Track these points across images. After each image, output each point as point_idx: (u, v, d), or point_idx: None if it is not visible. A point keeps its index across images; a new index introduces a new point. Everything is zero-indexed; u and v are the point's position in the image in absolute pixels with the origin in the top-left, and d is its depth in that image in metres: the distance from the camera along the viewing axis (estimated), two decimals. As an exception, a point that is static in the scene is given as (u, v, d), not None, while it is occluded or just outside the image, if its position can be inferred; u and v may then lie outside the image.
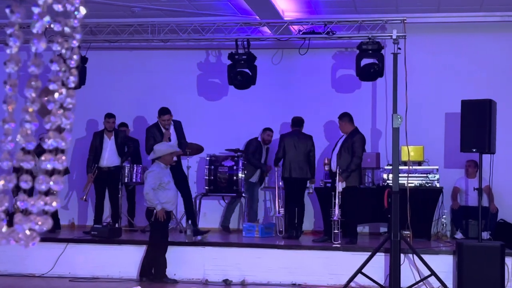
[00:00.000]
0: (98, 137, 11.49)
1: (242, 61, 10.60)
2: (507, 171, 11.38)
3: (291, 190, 10.97)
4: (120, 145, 11.47)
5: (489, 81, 11.68)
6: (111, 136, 11.44)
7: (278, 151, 11.00)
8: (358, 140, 10.14)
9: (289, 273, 9.48)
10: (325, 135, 12.38)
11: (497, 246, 8.75)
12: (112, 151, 11.40)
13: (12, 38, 1.21)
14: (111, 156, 11.39)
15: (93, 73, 11.62)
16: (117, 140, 11.46)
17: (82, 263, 9.89)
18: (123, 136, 11.64)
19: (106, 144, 11.41)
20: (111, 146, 11.41)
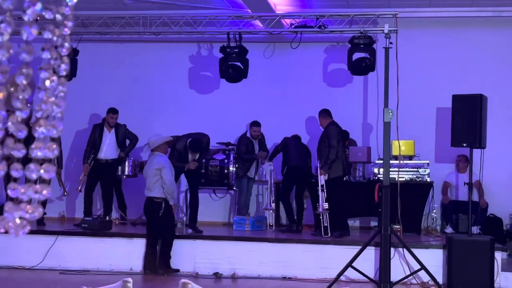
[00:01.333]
0: (98, 130, 11.48)
1: (233, 54, 10.58)
2: (497, 166, 11.42)
3: (293, 180, 11.03)
4: (121, 139, 11.48)
5: (480, 76, 11.71)
6: (111, 130, 11.44)
7: (279, 144, 11.21)
8: (330, 130, 10.38)
9: (279, 266, 9.49)
10: (315, 130, 12.36)
11: (487, 241, 8.78)
12: (111, 144, 11.41)
13: (3, 24, 1.19)
14: (110, 149, 11.39)
15: (84, 65, 11.58)
16: (118, 134, 11.45)
17: (73, 256, 9.87)
18: (123, 130, 11.61)
19: (105, 137, 11.43)
20: (110, 139, 11.43)
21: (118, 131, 11.50)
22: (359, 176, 11.63)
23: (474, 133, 8.89)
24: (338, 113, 11.66)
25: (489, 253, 8.68)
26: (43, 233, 10.25)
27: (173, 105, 12.43)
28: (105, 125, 11.50)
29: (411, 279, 8.86)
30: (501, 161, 11.58)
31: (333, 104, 12.02)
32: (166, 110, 11.89)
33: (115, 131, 11.47)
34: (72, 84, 11.29)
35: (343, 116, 11.80)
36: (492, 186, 11.45)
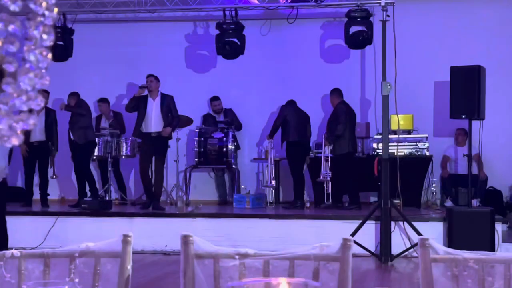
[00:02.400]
0: None
1: (230, 31, 10.54)
2: (496, 138, 11.40)
3: (293, 155, 11.04)
4: None
5: (478, 49, 11.64)
6: None
7: (278, 119, 11.15)
8: (339, 108, 10.75)
9: (280, 242, 9.48)
10: (314, 106, 12.34)
11: (487, 212, 8.80)
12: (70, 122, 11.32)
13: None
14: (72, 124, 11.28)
15: (80, 46, 11.53)
16: None
17: (73, 236, 9.87)
18: None
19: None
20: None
21: None
22: (358, 152, 11.62)
23: (472, 105, 8.87)
24: (336, 89, 11.64)
25: (490, 225, 8.69)
26: (44, 214, 10.29)
27: (170, 84, 12.35)
28: None
29: (412, 252, 8.87)
30: (500, 133, 11.56)
31: (331, 80, 12.00)
32: (162, 90, 11.75)
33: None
34: (68, 64, 11.28)
35: (341, 92, 11.79)
36: (491, 158, 11.44)
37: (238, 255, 2.42)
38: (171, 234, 9.61)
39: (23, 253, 2.46)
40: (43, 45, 1.13)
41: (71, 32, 11.00)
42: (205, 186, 12.52)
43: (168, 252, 9.60)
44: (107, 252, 2.53)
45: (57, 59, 10.84)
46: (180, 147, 11.79)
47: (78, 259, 2.48)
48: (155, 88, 10.58)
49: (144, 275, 8.01)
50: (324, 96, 12.01)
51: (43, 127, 11.19)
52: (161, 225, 9.85)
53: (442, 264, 2.44)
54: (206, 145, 11.62)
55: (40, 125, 11.16)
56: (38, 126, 11.13)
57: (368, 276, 8.24)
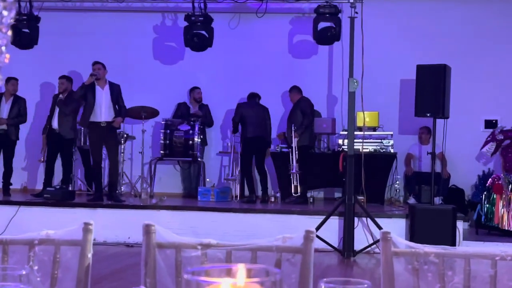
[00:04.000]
0: (53, 99, 11.26)
1: (198, 23, 10.50)
2: (460, 137, 11.52)
3: (250, 152, 11.03)
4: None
5: (445, 48, 11.74)
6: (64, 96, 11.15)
7: (235, 116, 11.09)
8: (303, 101, 10.92)
9: (245, 236, 9.48)
10: (281, 101, 12.37)
11: (449, 209, 8.89)
12: (60, 113, 11.06)
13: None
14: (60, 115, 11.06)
15: (46, 34, 11.39)
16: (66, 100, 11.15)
17: (35, 226, 9.74)
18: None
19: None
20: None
21: None
22: (323, 148, 11.66)
23: (437, 103, 8.95)
24: (303, 85, 11.67)
25: (451, 222, 8.78)
26: (5, 203, 10.15)
27: (137, 76, 12.29)
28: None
29: (374, 248, 8.92)
30: (464, 133, 11.69)
31: (298, 76, 12.04)
32: (129, 81, 11.68)
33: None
34: (33, 52, 11.14)
35: (308, 88, 11.80)
36: (454, 157, 11.57)
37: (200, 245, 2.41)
38: (135, 226, 9.50)
39: (-19, 240, 2.42)
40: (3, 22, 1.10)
41: (37, 20, 10.86)
42: (170, 178, 12.47)
43: (131, 244, 9.54)
44: (68, 240, 2.50)
45: (22, 46, 10.71)
46: (145, 138, 11.71)
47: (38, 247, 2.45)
48: (103, 75, 10.30)
49: (106, 266, 7.96)
50: (284, 93, 12.04)
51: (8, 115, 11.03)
52: (125, 216, 9.78)
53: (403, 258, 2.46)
54: (172, 137, 11.55)
55: (5, 113, 10.99)
56: (4, 113, 10.98)
57: (330, 271, 8.28)
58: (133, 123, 12.00)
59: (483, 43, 11.93)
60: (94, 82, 10.25)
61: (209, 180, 11.89)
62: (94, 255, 2.61)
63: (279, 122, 12.13)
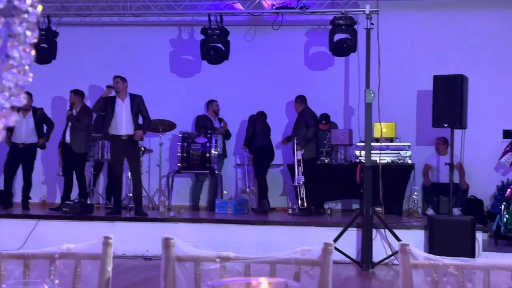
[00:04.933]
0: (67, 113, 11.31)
1: (214, 36, 10.55)
2: (478, 148, 11.47)
3: (259, 159, 11.11)
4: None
5: (462, 58, 11.72)
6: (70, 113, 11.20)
7: (248, 127, 11.18)
8: (306, 113, 10.92)
9: (262, 248, 9.46)
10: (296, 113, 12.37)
11: (468, 220, 8.84)
12: (72, 127, 11.11)
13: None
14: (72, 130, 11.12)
15: (64, 48, 11.50)
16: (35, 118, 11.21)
17: (54, 240, 9.81)
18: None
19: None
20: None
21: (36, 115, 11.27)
22: (340, 159, 11.65)
23: (455, 114, 8.92)
24: (320, 96, 11.70)
25: (470, 233, 8.73)
26: (24, 217, 10.23)
27: (154, 89, 12.34)
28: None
29: (393, 260, 8.89)
30: (482, 143, 11.63)
31: (314, 87, 12.06)
32: (146, 94, 11.73)
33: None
34: (51, 67, 11.24)
35: (324, 99, 11.84)
36: (472, 167, 11.51)
37: (219, 258, 2.42)
38: (153, 239, 9.57)
39: (2, 254, 2.45)
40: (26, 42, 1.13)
41: (55, 35, 10.97)
42: (187, 191, 12.49)
43: (149, 257, 9.57)
44: (88, 254, 2.52)
45: (41, 61, 10.80)
46: (163, 151, 11.76)
47: (58, 261, 2.47)
48: (122, 88, 10.32)
49: (125, 279, 7.98)
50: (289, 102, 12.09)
51: (31, 129, 11.10)
52: (143, 229, 9.82)
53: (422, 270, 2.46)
54: (189, 150, 11.59)
55: (26, 127, 11.06)
56: (23, 128, 11.04)
57: (349, 283, 8.26)
58: (151, 136, 12.05)
59: (500, 52, 11.88)
60: (116, 95, 10.30)
61: (226, 192, 11.91)
62: (113, 268, 2.63)
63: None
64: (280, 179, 12.32)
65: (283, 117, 12.24)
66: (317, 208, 10.78)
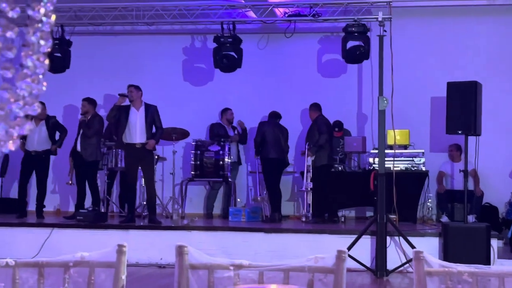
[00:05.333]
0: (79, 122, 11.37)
1: (227, 44, 10.56)
2: (493, 154, 11.42)
3: (269, 171, 11.08)
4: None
5: (475, 65, 11.70)
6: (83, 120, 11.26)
7: (257, 136, 11.14)
8: (319, 120, 10.95)
9: (276, 256, 9.46)
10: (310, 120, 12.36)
11: (483, 227, 8.78)
12: (82, 135, 11.17)
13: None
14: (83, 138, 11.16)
15: (78, 58, 11.57)
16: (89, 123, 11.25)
17: (68, 248, 9.83)
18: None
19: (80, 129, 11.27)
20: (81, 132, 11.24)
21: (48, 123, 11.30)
22: (354, 166, 11.62)
23: (469, 120, 8.87)
24: (332, 104, 11.69)
25: (485, 241, 8.67)
26: (39, 226, 10.27)
27: (167, 97, 12.39)
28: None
29: (407, 267, 8.85)
30: (496, 149, 11.58)
31: (327, 95, 12.06)
32: (160, 103, 11.77)
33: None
34: (65, 76, 11.29)
35: (337, 107, 11.83)
36: (487, 174, 11.45)
37: (232, 266, 2.42)
38: (166, 247, 9.59)
39: (17, 262, 2.46)
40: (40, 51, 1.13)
41: (69, 44, 11.03)
42: (201, 199, 12.51)
43: (163, 265, 9.57)
44: (102, 262, 2.53)
45: (54, 70, 10.86)
46: (176, 159, 11.78)
47: (73, 269, 2.48)
48: (136, 97, 10.36)
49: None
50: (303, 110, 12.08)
51: (44, 137, 11.15)
52: (157, 238, 9.83)
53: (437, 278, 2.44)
54: (203, 158, 11.61)
55: (39, 135, 11.11)
56: (36, 136, 11.09)
57: (363, 290, 8.22)
58: (164, 144, 12.09)
59: (514, 58, 11.85)
60: (130, 104, 10.35)
61: (239, 200, 11.91)
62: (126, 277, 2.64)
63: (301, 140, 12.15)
64: (290, 186, 12.32)
65: (297, 125, 12.23)
66: (331, 216, 10.76)
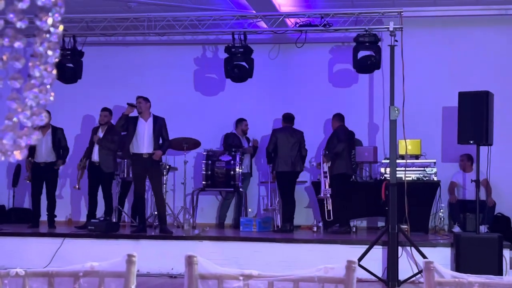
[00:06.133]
0: (92, 132, 11.44)
1: (238, 54, 10.58)
2: (505, 164, 11.37)
3: (282, 184, 11.03)
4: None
5: (486, 75, 11.66)
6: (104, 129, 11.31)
7: (269, 145, 11.08)
8: (340, 129, 10.99)
9: (287, 266, 9.44)
10: (323, 130, 12.37)
11: (495, 238, 8.74)
12: (101, 147, 11.20)
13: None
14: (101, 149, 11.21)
15: (90, 68, 11.64)
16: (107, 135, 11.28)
17: (80, 258, 9.84)
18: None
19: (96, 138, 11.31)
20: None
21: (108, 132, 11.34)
22: (365, 176, 11.59)
23: (480, 130, 8.85)
24: (344, 113, 11.66)
25: (497, 251, 8.63)
26: (50, 236, 10.30)
27: (179, 108, 12.42)
28: (100, 127, 11.44)
29: (419, 278, 8.80)
30: (508, 159, 11.53)
31: (339, 105, 12.05)
32: (171, 113, 11.84)
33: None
34: (78, 86, 11.35)
35: (349, 116, 11.80)
36: (499, 184, 11.39)
37: (242, 276, 2.42)
38: (177, 257, 9.56)
39: (27, 272, 2.46)
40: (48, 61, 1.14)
41: (80, 55, 11.08)
42: (212, 209, 12.51)
43: (174, 275, 9.57)
44: (111, 272, 2.53)
45: (67, 81, 10.92)
46: (187, 169, 11.79)
47: (82, 279, 2.48)
48: (145, 109, 10.42)
49: (150, 298, 7.98)
50: (326, 121, 12.04)
51: (50, 147, 11.20)
52: (168, 247, 9.83)
53: (448, 288, 2.43)
54: (214, 168, 11.62)
55: (46, 145, 11.16)
56: (44, 146, 11.14)
57: (374, 301, 8.19)
58: (175, 154, 12.11)
59: (526, 68, 11.81)
60: (138, 115, 10.39)
61: (251, 210, 11.90)
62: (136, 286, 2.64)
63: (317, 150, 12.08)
64: (303, 196, 12.29)
65: (308, 135, 12.21)
66: (343, 226, 10.71)
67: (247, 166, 12.04)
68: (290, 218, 10.95)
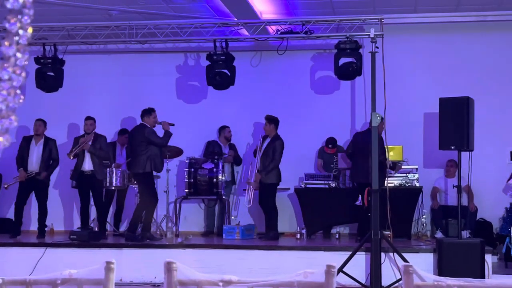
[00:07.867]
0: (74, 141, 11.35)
1: (220, 62, 10.57)
2: (486, 170, 11.44)
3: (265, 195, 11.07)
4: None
5: (467, 81, 11.73)
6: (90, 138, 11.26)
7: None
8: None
9: (270, 273, 9.42)
10: (305, 137, 12.36)
11: (477, 243, 8.78)
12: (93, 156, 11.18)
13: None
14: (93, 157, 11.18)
15: (71, 76, 11.58)
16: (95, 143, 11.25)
17: (62, 267, 9.77)
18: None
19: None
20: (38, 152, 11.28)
21: (96, 142, 11.30)
22: (348, 183, 11.61)
23: (462, 136, 8.90)
24: (326, 120, 11.72)
25: (480, 256, 8.68)
26: (32, 246, 10.22)
27: (160, 115, 12.36)
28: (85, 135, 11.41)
29: (402, 283, 8.80)
30: (489, 165, 11.59)
31: (321, 111, 12.08)
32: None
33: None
34: (58, 95, 11.28)
35: (331, 123, 11.86)
36: (480, 190, 11.45)
37: (221, 282, 2.41)
38: (160, 265, 9.52)
39: (4, 280, 2.44)
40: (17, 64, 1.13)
41: (61, 63, 11.02)
42: (195, 217, 12.47)
43: (157, 284, 9.53)
44: (90, 280, 2.52)
45: (48, 89, 10.86)
46: (170, 177, 11.76)
47: (61, 286, 2.46)
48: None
49: (132, 307, 7.95)
50: (315, 127, 12.04)
51: (40, 157, 11.14)
52: (150, 256, 9.79)
53: (427, 291, 2.43)
54: (197, 175, 11.58)
55: (37, 154, 11.12)
56: (35, 155, 11.10)
57: (358, 307, 8.19)
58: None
59: (506, 74, 11.89)
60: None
61: (234, 217, 11.87)
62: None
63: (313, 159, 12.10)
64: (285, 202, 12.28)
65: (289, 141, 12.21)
66: (325, 233, 10.71)
67: (229, 174, 12.03)
68: (275, 226, 10.93)
